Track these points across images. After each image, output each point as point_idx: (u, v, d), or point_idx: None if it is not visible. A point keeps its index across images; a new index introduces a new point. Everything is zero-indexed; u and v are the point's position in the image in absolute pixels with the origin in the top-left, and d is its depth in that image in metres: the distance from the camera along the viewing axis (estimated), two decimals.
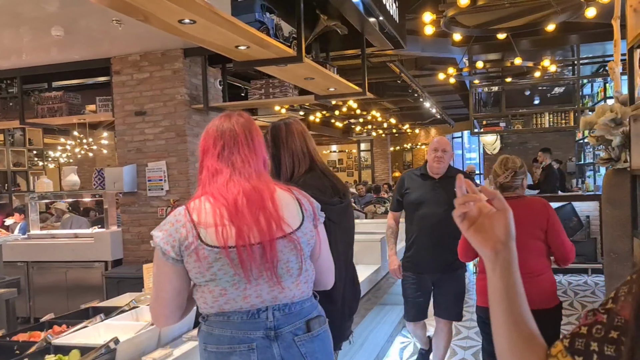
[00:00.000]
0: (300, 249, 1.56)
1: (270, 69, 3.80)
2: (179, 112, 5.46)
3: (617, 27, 4.13)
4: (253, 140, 1.63)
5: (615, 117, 3.74)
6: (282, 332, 1.52)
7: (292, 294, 1.56)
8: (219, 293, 1.49)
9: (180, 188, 5.48)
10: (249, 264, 1.47)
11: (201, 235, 1.47)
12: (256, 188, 1.56)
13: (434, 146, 3.48)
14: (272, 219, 1.53)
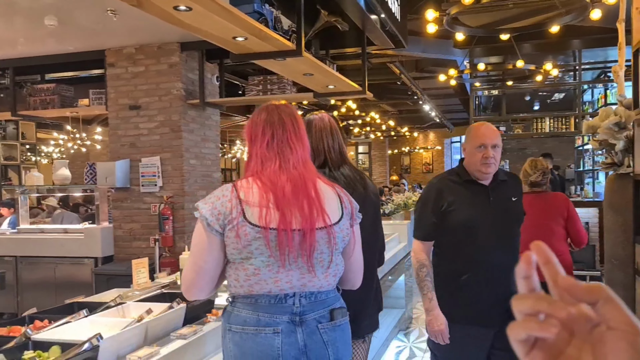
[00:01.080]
0: (334, 243, 1.62)
1: (269, 63, 3.71)
2: (175, 107, 5.36)
3: (621, 30, 4.05)
4: (300, 129, 1.70)
5: (619, 121, 3.65)
6: (307, 318, 1.57)
7: (320, 284, 1.61)
8: (252, 272, 1.54)
9: (174, 184, 5.38)
10: (287, 248, 1.52)
11: (245, 213, 1.53)
12: (302, 176, 1.62)
13: (481, 140, 2.29)
14: (314, 207, 1.59)
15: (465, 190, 2.36)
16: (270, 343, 1.52)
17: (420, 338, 4.93)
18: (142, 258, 2.66)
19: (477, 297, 2.30)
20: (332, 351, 1.61)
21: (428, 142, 19.24)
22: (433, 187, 2.43)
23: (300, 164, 1.65)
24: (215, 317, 2.16)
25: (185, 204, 5.37)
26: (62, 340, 1.72)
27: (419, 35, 7.04)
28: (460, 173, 2.40)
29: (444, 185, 2.41)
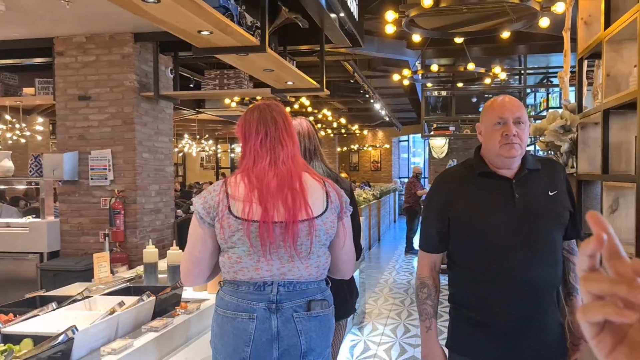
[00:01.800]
0: (314, 235, 1.71)
1: (230, 57, 3.69)
2: (127, 99, 5.22)
3: (567, 38, 4.28)
4: (290, 126, 1.82)
5: (565, 124, 3.87)
6: (283, 306, 1.66)
7: (299, 274, 1.70)
8: (235, 260, 1.67)
9: (126, 178, 5.24)
10: (268, 239, 1.63)
11: (231, 207, 1.66)
12: (289, 171, 1.73)
13: (499, 112, 1.75)
14: (298, 199, 1.69)
15: (480, 185, 1.78)
16: (244, 327, 1.64)
17: (374, 332, 5.04)
18: (102, 252, 2.59)
19: (500, 331, 1.72)
20: (304, 340, 1.68)
21: (377, 141, 19.54)
22: (438, 184, 1.90)
23: (289, 160, 1.76)
24: (184, 310, 2.14)
25: (138, 198, 5.25)
26: (33, 333, 1.67)
27: (374, 34, 7.16)
28: (474, 164, 1.81)
29: (453, 180, 1.88)
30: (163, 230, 5.75)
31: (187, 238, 1.75)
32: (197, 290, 2.55)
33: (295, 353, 1.68)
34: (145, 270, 2.57)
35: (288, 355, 1.67)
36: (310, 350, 1.70)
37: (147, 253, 2.57)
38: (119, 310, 1.80)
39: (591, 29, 3.87)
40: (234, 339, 1.65)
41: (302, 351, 1.68)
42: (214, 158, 22.00)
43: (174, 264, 2.54)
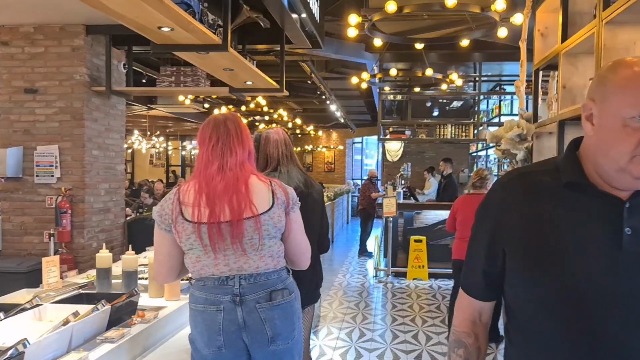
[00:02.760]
0: (260, 228, 1.86)
1: (189, 56, 3.57)
2: (77, 93, 4.99)
3: (523, 48, 4.40)
4: (242, 134, 1.96)
5: (521, 133, 3.96)
6: (246, 298, 1.83)
7: (255, 265, 1.85)
8: (195, 259, 1.84)
9: (74, 176, 5.00)
10: (216, 237, 1.80)
11: (183, 212, 1.84)
12: (236, 176, 1.88)
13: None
14: (242, 201, 1.84)
15: (568, 204, 1.11)
16: (213, 319, 1.81)
17: (329, 336, 5.02)
18: (52, 256, 2.44)
19: None
20: (269, 327, 1.85)
21: (331, 142, 19.59)
22: (496, 194, 1.22)
23: (237, 166, 1.91)
24: (140, 319, 2.04)
25: (86, 197, 5.03)
26: None
27: (333, 36, 7.15)
28: (563, 167, 1.14)
29: (522, 189, 1.17)
30: (112, 231, 5.53)
31: (154, 243, 1.93)
32: (154, 297, 2.44)
33: (263, 340, 1.84)
34: (98, 275, 2.43)
35: (257, 342, 1.84)
36: (276, 336, 1.86)
37: (101, 258, 2.44)
38: (73, 320, 1.68)
39: (547, 41, 3.98)
40: (206, 329, 1.82)
41: (269, 337, 1.85)
42: (165, 155, 21.47)
43: (130, 270, 2.42)
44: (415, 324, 5.41)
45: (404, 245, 7.75)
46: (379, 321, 5.52)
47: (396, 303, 6.24)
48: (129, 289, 2.42)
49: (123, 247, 5.73)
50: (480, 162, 11.44)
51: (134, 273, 2.43)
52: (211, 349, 1.83)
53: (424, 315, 5.71)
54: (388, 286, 7.20)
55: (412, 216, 7.88)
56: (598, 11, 2.73)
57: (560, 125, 3.45)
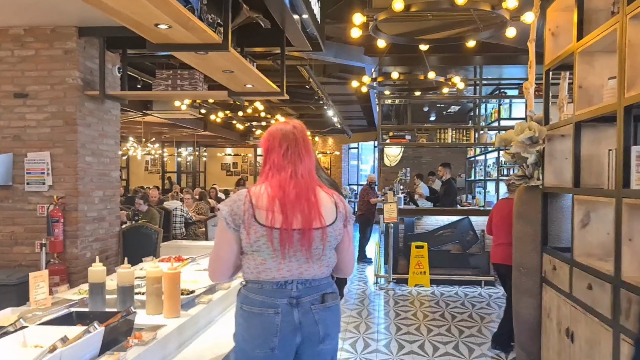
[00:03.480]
0: (327, 240, 1.98)
1: (188, 56, 3.40)
2: (70, 97, 4.81)
3: (532, 49, 4.26)
4: (308, 144, 2.06)
5: (533, 136, 3.81)
6: (302, 301, 1.92)
7: (314, 273, 1.96)
8: (260, 262, 1.91)
9: (67, 183, 4.82)
10: (287, 244, 1.89)
11: (256, 215, 1.90)
12: (307, 184, 1.98)
13: None
14: (312, 211, 1.94)
15: None
16: (271, 321, 1.88)
17: None
18: (40, 271, 2.25)
19: None
20: (321, 327, 1.95)
21: (327, 147, 19.45)
22: None
23: (307, 174, 2.01)
24: (137, 341, 1.86)
25: (79, 205, 4.84)
26: None
27: (332, 40, 7.01)
28: None
29: None
30: (107, 240, 5.34)
31: (215, 240, 1.99)
32: (152, 314, 2.27)
33: (315, 339, 1.94)
34: (90, 291, 2.25)
35: (309, 342, 1.93)
36: (326, 336, 1.96)
37: (94, 272, 2.26)
38: (61, 346, 1.50)
39: (558, 41, 3.85)
40: (262, 331, 1.88)
41: (320, 337, 1.95)
42: (160, 162, 21.25)
43: (126, 285, 2.24)
44: (420, 333, 5.24)
45: (405, 251, 7.59)
46: (383, 330, 5.34)
47: (399, 311, 6.07)
48: (124, 306, 2.24)
49: (118, 256, 5.54)
50: (479, 167, 11.32)
51: (130, 288, 2.25)
52: (263, 350, 1.89)
53: (429, 324, 5.54)
54: (390, 293, 7.03)
55: (412, 222, 7.72)
56: (622, 6, 2.58)
57: (576, 127, 3.30)
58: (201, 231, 8.74)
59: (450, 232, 7.51)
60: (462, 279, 7.42)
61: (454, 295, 6.87)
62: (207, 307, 2.50)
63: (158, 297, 2.29)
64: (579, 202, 3.28)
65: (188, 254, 3.69)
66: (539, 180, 3.96)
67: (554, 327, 3.63)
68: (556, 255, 3.60)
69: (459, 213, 7.62)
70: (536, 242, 4.00)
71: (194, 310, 2.40)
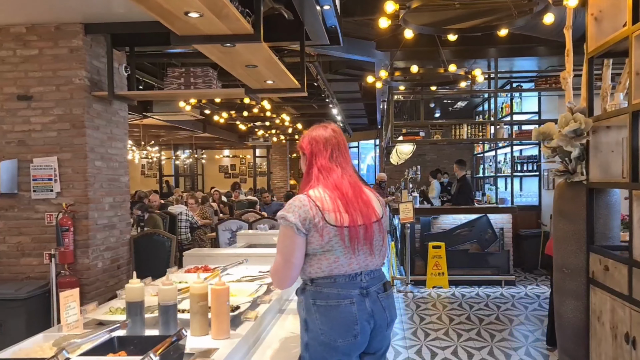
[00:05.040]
0: (383, 231, 2.15)
1: (212, 49, 3.14)
2: (77, 99, 4.54)
3: (569, 36, 4.03)
4: (346, 146, 2.19)
5: (578, 128, 3.58)
6: (370, 290, 2.05)
7: (376, 263, 2.10)
8: (333, 260, 2.00)
9: (76, 190, 4.55)
10: (356, 239, 2.01)
11: (326, 217, 1.98)
12: (356, 183, 2.11)
13: None
14: (369, 207, 2.08)
15: None
16: (349, 310, 1.98)
17: None
18: (71, 290, 1.99)
19: None
20: (388, 313, 2.08)
21: None
22: None
23: (352, 173, 2.13)
24: None
25: (90, 213, 4.57)
26: None
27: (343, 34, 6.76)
28: None
29: None
30: (118, 248, 5.07)
31: (280, 248, 2.02)
32: (197, 335, 2.01)
33: (384, 324, 2.06)
34: (128, 312, 1.99)
35: (379, 327, 2.05)
36: (391, 321, 2.11)
37: (132, 290, 2.00)
38: None
39: (602, 26, 3.62)
40: (343, 321, 1.97)
41: (387, 322, 2.08)
42: (157, 165, 20.91)
43: (168, 303, 1.98)
44: (450, 338, 5.01)
45: (422, 251, 7.36)
46: (411, 336, 5.10)
47: (423, 315, 5.84)
48: (167, 328, 1.98)
49: (129, 265, 5.27)
50: (488, 163, 11.11)
51: (173, 307, 1.99)
52: (347, 339, 1.96)
53: (457, 328, 5.31)
54: (409, 296, 6.80)
55: (429, 221, 7.49)
56: None
57: (633, 117, 3.08)
58: (208, 236, 8.47)
59: (467, 231, 7.29)
60: (481, 279, 7.20)
61: (475, 297, 6.64)
62: (255, 323, 2.25)
63: (204, 316, 2.04)
64: (639, 198, 3.06)
65: (214, 263, 3.43)
66: (583, 176, 3.73)
67: (606, 332, 3.40)
68: (609, 255, 3.37)
69: (477, 211, 7.39)
70: (580, 241, 3.77)
71: (242, 329, 2.15)
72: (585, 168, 3.72)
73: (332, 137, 2.12)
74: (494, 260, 7.22)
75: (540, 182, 8.48)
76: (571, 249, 3.82)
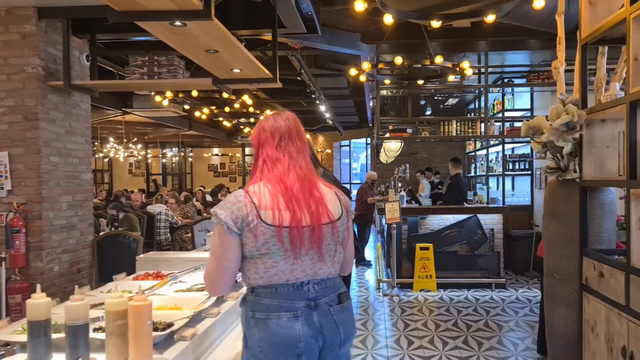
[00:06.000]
0: (337, 235, 1.87)
1: (161, 29, 2.80)
2: (30, 89, 4.20)
3: (561, 22, 3.72)
4: (301, 134, 1.93)
5: (570, 121, 3.27)
6: (320, 302, 1.80)
7: (328, 271, 1.85)
8: (271, 265, 1.76)
9: (29, 188, 4.20)
10: (298, 242, 1.76)
11: (261, 215, 1.74)
12: (307, 176, 1.85)
13: None
14: (320, 206, 1.82)
15: None
16: (291, 325, 1.73)
17: None
18: None
19: None
20: (342, 329, 1.83)
21: (318, 145, 18.87)
22: None
23: (305, 165, 1.87)
24: None
25: (44, 213, 4.22)
26: None
27: (325, 26, 6.44)
28: None
29: None
30: (79, 251, 4.72)
31: (212, 249, 1.79)
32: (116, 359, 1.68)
33: (336, 342, 1.82)
34: (30, 333, 1.66)
35: (330, 346, 1.81)
36: (347, 338, 1.86)
37: (34, 306, 1.66)
38: None
39: (597, 10, 3.30)
40: (284, 337, 1.73)
41: (342, 340, 1.83)
42: (144, 164, 20.52)
43: (77, 323, 1.64)
44: (435, 347, 4.69)
45: (409, 253, 7.04)
46: (393, 344, 4.78)
47: (408, 320, 5.51)
48: (76, 352, 1.65)
49: (92, 269, 4.93)
50: (479, 162, 10.81)
51: (83, 327, 1.65)
52: (289, 359, 1.72)
53: (443, 336, 4.99)
54: (394, 300, 6.47)
55: (416, 222, 7.17)
56: None
57: (631, 107, 2.76)
58: (187, 237, 8.12)
59: (457, 231, 6.97)
60: (471, 282, 6.88)
61: (464, 301, 6.32)
62: (190, 344, 1.92)
63: (122, 337, 1.70)
64: (636, 197, 2.74)
65: (171, 268, 3.10)
66: (576, 173, 3.42)
67: (601, 344, 3.09)
68: (604, 260, 3.05)
69: (466, 211, 7.07)
70: (573, 244, 3.46)
71: (172, 352, 1.81)
72: (579, 165, 3.41)
73: (283, 126, 1.89)
74: (484, 262, 6.91)
75: (533, 181, 8.18)
76: (563, 253, 3.51)
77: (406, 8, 4.00)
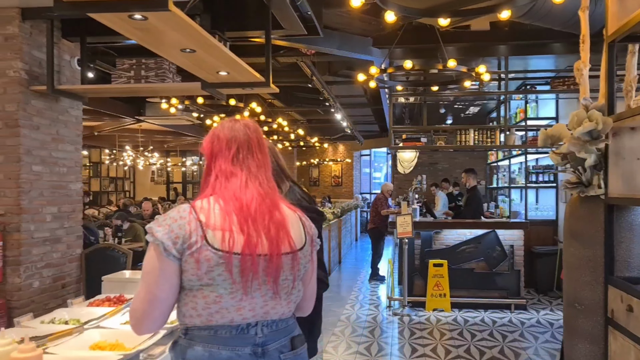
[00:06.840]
0: (298, 269, 1.58)
1: (121, 24, 2.49)
2: (11, 93, 3.97)
3: (585, 19, 3.32)
4: (263, 147, 1.64)
5: (594, 129, 2.85)
6: (269, 348, 1.52)
7: (282, 311, 1.57)
8: (213, 299, 1.46)
9: (8, 198, 3.96)
10: (251, 273, 1.46)
11: (207, 237, 1.44)
12: (268, 194, 1.56)
13: None
14: (281, 230, 1.53)
15: None
16: None
17: None
18: None
19: None
20: None
21: (338, 155, 18.53)
22: None
23: (265, 182, 1.58)
24: None
25: (23, 225, 3.97)
26: None
27: (335, 30, 6.12)
28: None
29: None
30: (64, 265, 4.46)
31: (143, 274, 1.46)
32: None
33: None
34: None
35: None
36: None
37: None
38: None
39: (626, 4, 2.91)
40: None
41: None
42: (165, 172, 20.49)
43: None
44: None
45: (422, 270, 6.61)
46: None
47: (416, 345, 5.09)
48: None
49: (80, 284, 4.66)
50: (502, 173, 10.29)
51: None
52: None
53: None
54: (404, 320, 6.05)
55: (430, 236, 6.74)
56: None
57: None
58: None
59: (473, 247, 6.52)
60: (488, 302, 6.42)
61: (479, 323, 5.87)
62: None
63: None
64: None
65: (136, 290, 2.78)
66: (601, 189, 2.99)
67: None
68: (633, 292, 2.62)
69: (484, 226, 6.62)
70: (597, 270, 3.02)
71: None
72: (604, 179, 2.98)
73: (241, 135, 1.59)
74: (502, 281, 6.44)
75: (557, 194, 7.66)
76: (585, 280, 3.08)
77: (410, 4, 3.64)
